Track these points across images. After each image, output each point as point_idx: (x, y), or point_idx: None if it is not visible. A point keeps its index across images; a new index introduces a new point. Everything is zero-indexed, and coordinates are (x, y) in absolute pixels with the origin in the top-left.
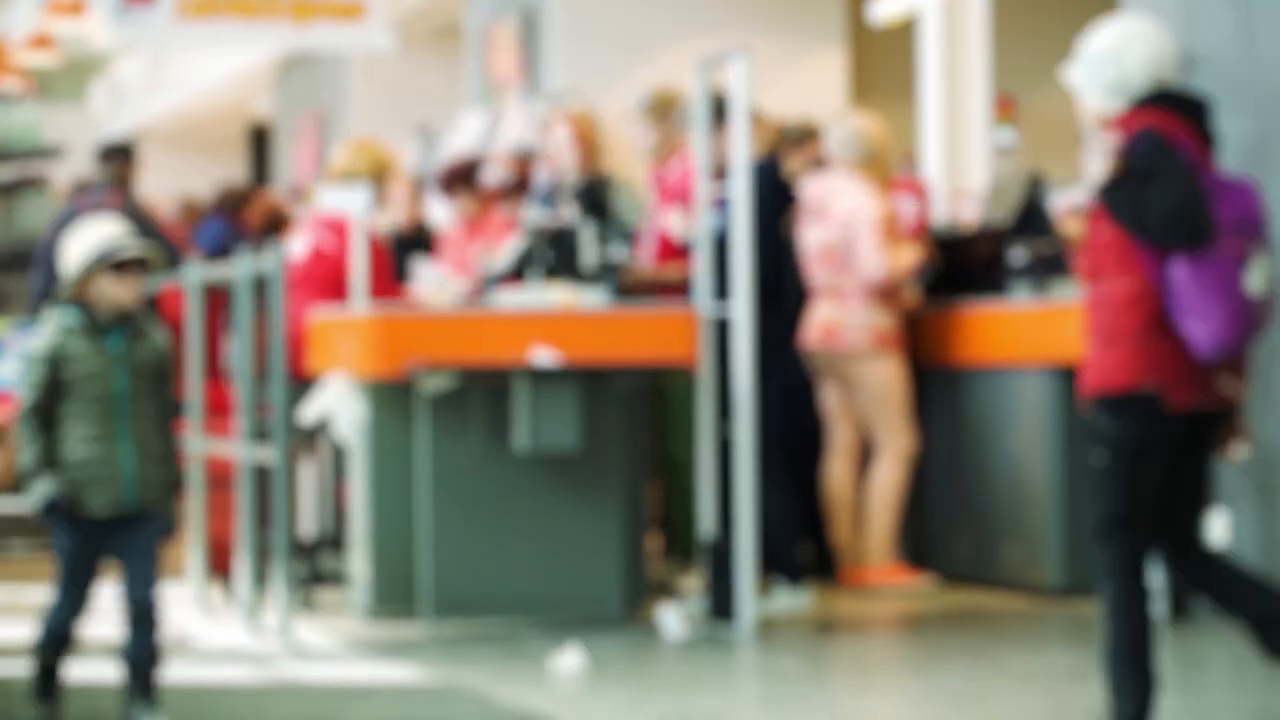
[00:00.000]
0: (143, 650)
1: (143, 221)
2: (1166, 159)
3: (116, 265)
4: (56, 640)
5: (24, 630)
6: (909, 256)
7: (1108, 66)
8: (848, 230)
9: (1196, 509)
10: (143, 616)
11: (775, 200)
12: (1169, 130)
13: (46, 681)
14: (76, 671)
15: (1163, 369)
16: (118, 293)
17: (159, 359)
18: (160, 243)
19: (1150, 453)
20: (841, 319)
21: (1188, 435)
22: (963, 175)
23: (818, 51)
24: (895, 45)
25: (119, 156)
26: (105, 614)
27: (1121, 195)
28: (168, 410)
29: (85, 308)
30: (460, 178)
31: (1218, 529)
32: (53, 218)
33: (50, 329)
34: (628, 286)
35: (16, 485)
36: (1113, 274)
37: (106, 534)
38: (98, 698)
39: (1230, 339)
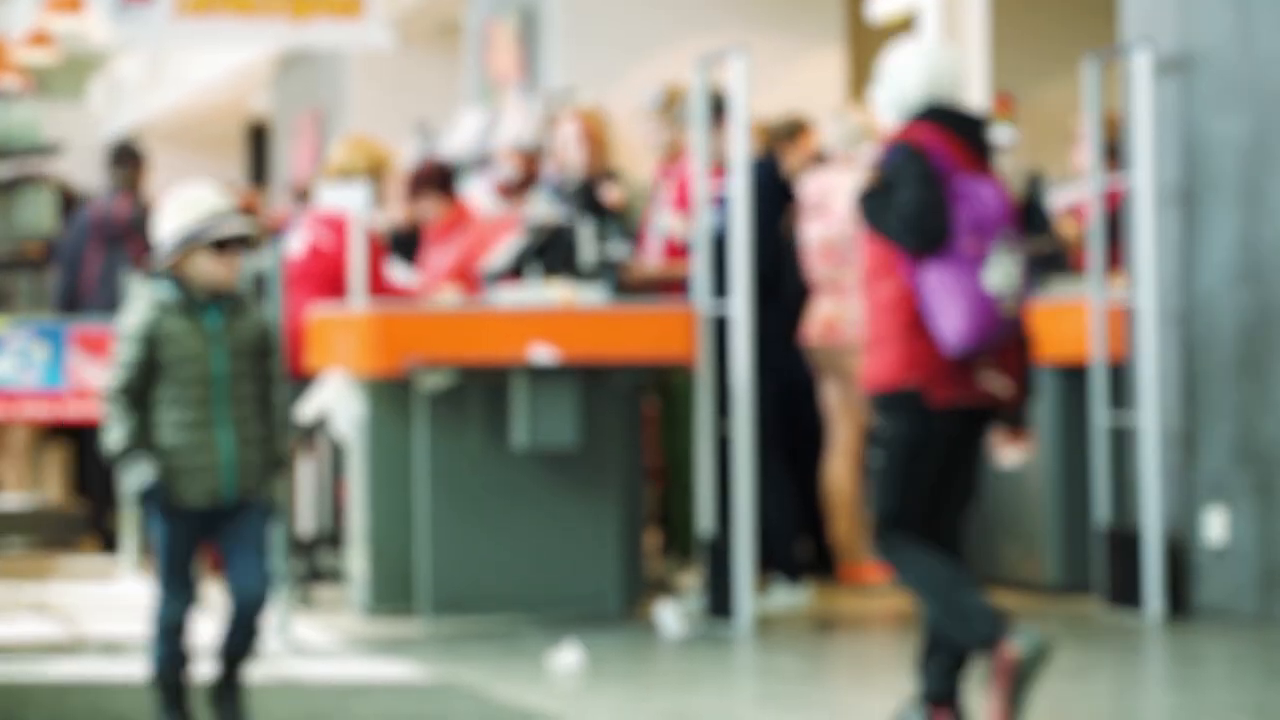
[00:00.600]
0: (241, 648)
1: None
2: (909, 169)
3: (217, 243)
4: (170, 644)
5: (23, 628)
6: None
7: (891, 84)
8: (850, 226)
9: (961, 503)
10: (247, 611)
11: (774, 197)
12: (930, 143)
13: (173, 699)
14: (80, 669)
15: (923, 367)
16: (216, 271)
17: (259, 335)
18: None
19: (922, 452)
20: (842, 313)
21: (960, 431)
22: None
23: (817, 50)
24: (894, 43)
25: (129, 160)
26: (108, 611)
27: (871, 204)
28: (272, 388)
29: (179, 283)
30: (427, 181)
31: (1216, 527)
32: (68, 220)
33: (142, 304)
34: (632, 283)
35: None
36: (878, 280)
37: (204, 524)
38: (98, 696)
39: (974, 335)
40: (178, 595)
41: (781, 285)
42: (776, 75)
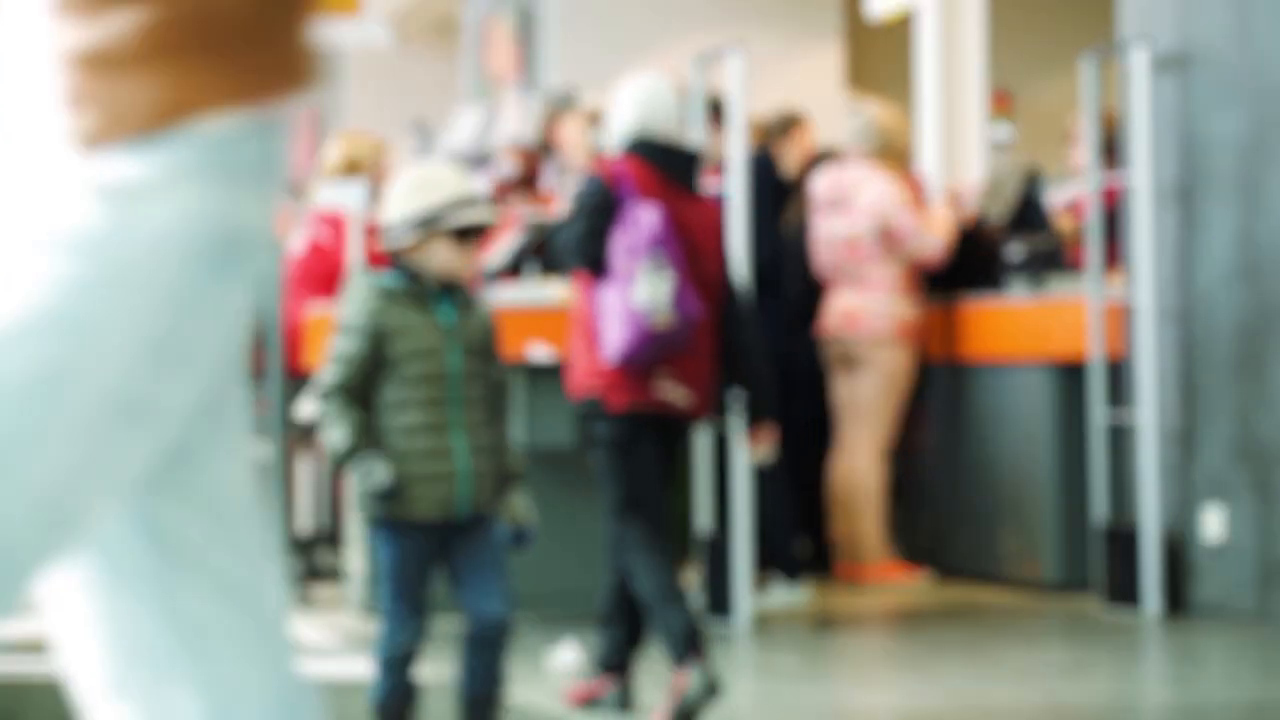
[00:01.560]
0: (487, 679)
1: None
2: (587, 201)
3: (457, 230)
4: (397, 676)
5: (21, 626)
6: (945, 227)
7: (614, 118)
8: (878, 220)
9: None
10: (489, 639)
11: (770, 194)
12: (625, 174)
13: None
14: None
15: (602, 376)
16: (455, 262)
17: (488, 333)
18: None
19: (630, 449)
20: (866, 306)
21: (647, 435)
22: (959, 171)
23: (814, 47)
24: (892, 41)
25: None
26: None
27: (560, 231)
28: (500, 396)
29: (408, 271)
30: None
31: (1214, 524)
32: None
33: (364, 293)
34: None
35: None
36: (578, 296)
37: (436, 540)
38: None
39: (628, 348)
40: (407, 622)
41: (783, 281)
42: (774, 73)
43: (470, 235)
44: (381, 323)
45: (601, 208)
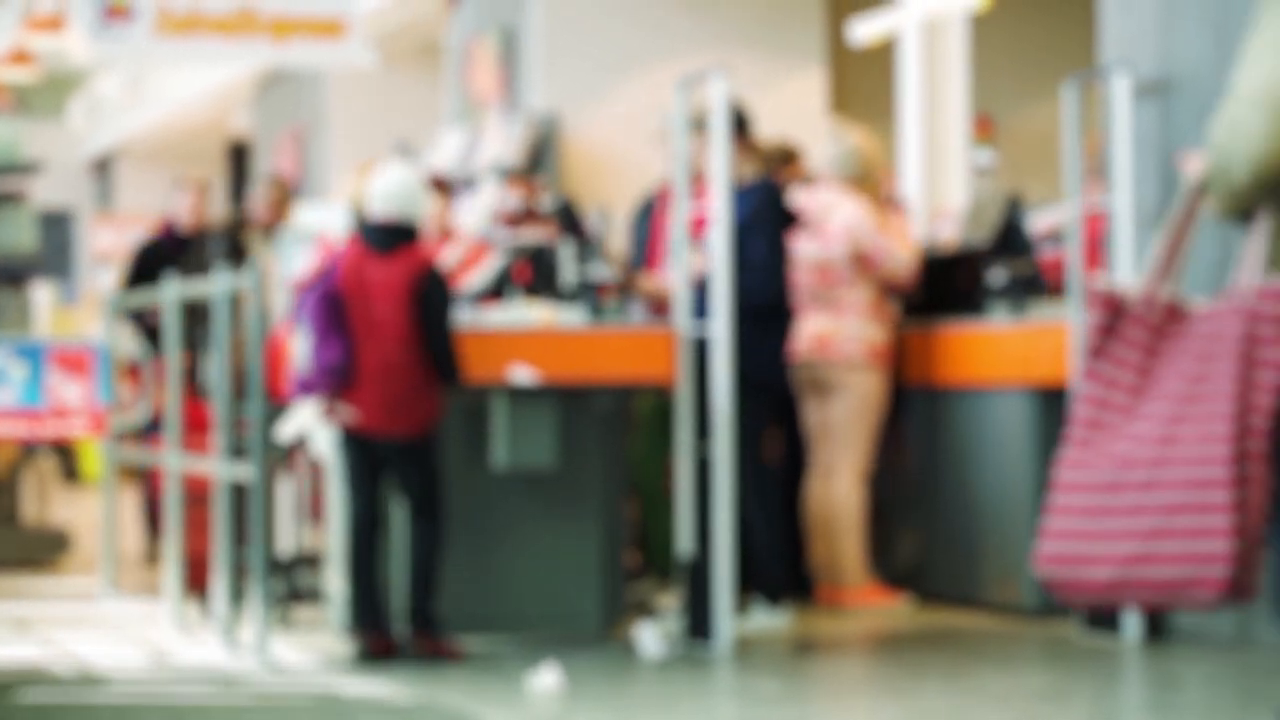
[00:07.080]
0: None
1: None
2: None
3: None
4: None
5: (12, 652)
6: (912, 246)
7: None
8: (850, 244)
9: (412, 501)
10: None
11: (781, 218)
12: (343, 250)
13: None
14: (57, 689)
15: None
16: None
17: None
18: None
19: (346, 451)
20: (837, 330)
21: (347, 445)
22: (942, 195)
23: (797, 71)
24: (875, 65)
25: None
26: (86, 630)
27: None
28: None
29: None
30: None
31: None
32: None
33: None
34: (646, 295)
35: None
36: None
37: None
38: (76, 716)
39: (293, 384)
40: None
41: (785, 307)
42: (756, 96)
43: None
44: None
45: (318, 278)
